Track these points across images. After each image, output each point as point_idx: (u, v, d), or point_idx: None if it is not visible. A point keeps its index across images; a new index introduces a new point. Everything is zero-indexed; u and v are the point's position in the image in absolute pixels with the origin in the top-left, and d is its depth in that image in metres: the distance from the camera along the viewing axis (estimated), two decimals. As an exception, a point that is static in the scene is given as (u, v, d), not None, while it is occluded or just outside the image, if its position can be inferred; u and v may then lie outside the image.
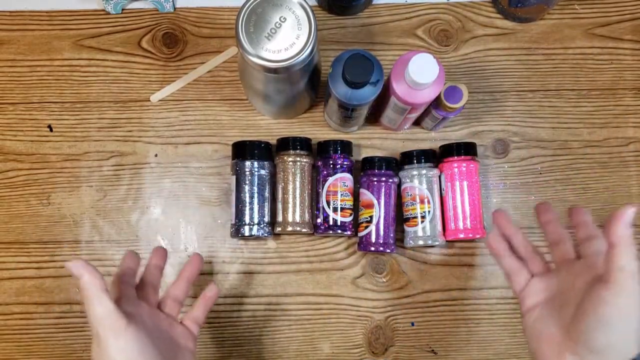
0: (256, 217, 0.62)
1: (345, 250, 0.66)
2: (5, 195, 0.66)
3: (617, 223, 0.39)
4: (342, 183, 0.63)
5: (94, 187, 0.66)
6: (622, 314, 0.38)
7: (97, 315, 0.41)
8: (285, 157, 0.62)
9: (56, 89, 0.68)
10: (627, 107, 0.69)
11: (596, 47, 0.69)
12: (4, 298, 0.65)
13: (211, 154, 0.67)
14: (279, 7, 0.51)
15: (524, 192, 0.67)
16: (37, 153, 0.67)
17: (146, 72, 0.68)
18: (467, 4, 0.70)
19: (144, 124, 0.67)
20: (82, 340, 0.65)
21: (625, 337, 0.39)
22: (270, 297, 0.66)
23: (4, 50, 0.68)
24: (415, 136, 0.68)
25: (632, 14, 0.70)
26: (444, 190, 0.64)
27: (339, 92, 0.55)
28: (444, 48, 0.69)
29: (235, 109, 0.68)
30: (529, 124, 0.68)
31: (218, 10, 0.69)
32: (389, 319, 0.66)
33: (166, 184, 0.67)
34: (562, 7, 0.70)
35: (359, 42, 0.69)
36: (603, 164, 0.68)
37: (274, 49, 0.50)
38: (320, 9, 0.69)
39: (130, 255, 0.51)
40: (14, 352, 0.65)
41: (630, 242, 0.39)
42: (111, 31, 0.69)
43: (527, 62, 0.69)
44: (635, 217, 0.39)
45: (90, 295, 0.41)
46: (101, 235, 0.66)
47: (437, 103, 0.60)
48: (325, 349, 0.65)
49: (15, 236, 0.66)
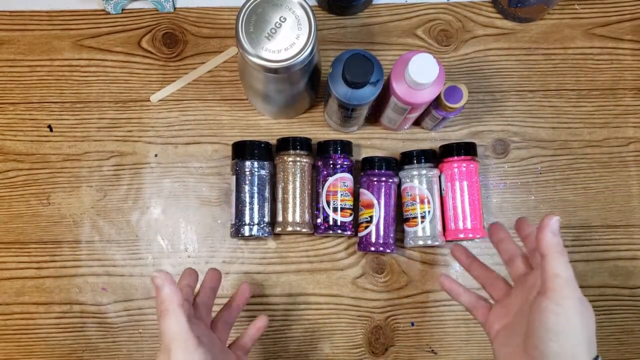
0: (256, 217, 0.62)
1: (345, 250, 0.66)
2: (5, 195, 0.66)
3: (544, 233, 0.39)
4: (342, 183, 0.63)
5: (94, 187, 0.66)
6: (567, 320, 0.38)
7: (172, 331, 0.41)
8: (285, 157, 0.62)
9: (56, 89, 0.68)
10: (627, 107, 0.69)
11: (596, 47, 0.69)
12: (4, 298, 0.65)
13: (211, 154, 0.67)
14: (279, 7, 0.51)
15: (524, 192, 0.67)
16: (37, 153, 0.67)
17: (146, 72, 0.68)
18: (467, 4, 0.70)
19: (144, 124, 0.67)
20: (82, 340, 0.65)
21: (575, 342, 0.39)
22: (270, 297, 0.66)
23: (4, 50, 0.68)
24: (415, 136, 0.68)
25: (632, 14, 0.70)
26: (444, 190, 0.64)
27: (339, 92, 0.55)
28: (444, 48, 0.69)
29: (235, 109, 0.68)
30: (529, 124, 0.68)
31: (218, 10, 0.69)
32: (389, 319, 0.66)
33: (166, 184, 0.67)
34: (562, 7, 0.70)
35: (359, 42, 0.69)
36: (603, 164, 0.68)
37: (274, 49, 0.50)
38: (320, 9, 0.69)
39: (189, 273, 0.51)
40: (14, 352, 0.65)
41: (559, 249, 0.39)
42: (111, 31, 0.69)
43: (527, 62, 0.69)
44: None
45: (168, 309, 0.41)
46: (101, 235, 0.66)
47: (437, 103, 0.60)
48: (325, 349, 0.65)
49: (15, 236, 0.66)
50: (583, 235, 0.67)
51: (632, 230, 0.67)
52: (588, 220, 0.67)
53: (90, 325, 0.65)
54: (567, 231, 0.67)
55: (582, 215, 0.67)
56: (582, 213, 0.67)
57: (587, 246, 0.67)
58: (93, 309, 0.65)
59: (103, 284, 0.65)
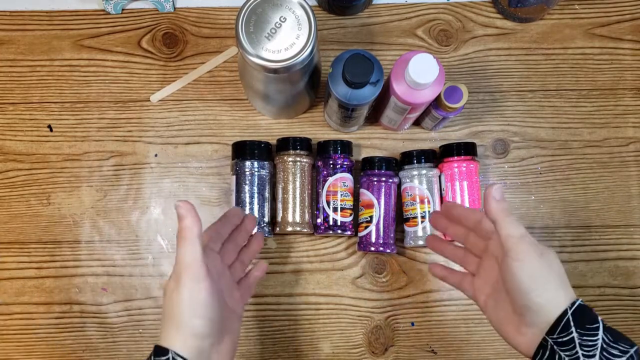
0: (256, 217, 0.62)
1: (345, 250, 0.66)
2: (5, 195, 0.66)
3: (490, 201, 0.43)
4: (342, 183, 0.63)
5: (94, 187, 0.66)
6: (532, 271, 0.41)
7: (186, 260, 0.43)
8: (285, 157, 0.62)
9: (56, 89, 0.68)
10: (627, 107, 0.69)
11: (596, 47, 0.69)
12: (4, 298, 0.65)
13: (211, 154, 0.67)
14: (279, 7, 0.51)
15: (524, 192, 0.67)
16: (37, 153, 0.67)
17: (146, 72, 0.68)
18: (467, 4, 0.70)
19: (144, 124, 0.67)
20: (82, 340, 0.65)
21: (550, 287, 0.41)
22: (270, 297, 0.66)
23: (4, 50, 0.68)
24: (415, 136, 0.68)
25: (632, 14, 0.70)
26: (444, 190, 0.64)
27: (339, 92, 0.55)
28: (444, 48, 0.69)
29: (235, 109, 0.68)
30: (529, 124, 0.68)
31: (218, 10, 0.69)
32: (389, 319, 0.66)
33: (166, 184, 0.67)
34: (562, 7, 0.70)
35: (359, 42, 0.69)
36: (603, 164, 0.68)
37: (274, 49, 0.50)
38: (320, 9, 0.69)
39: (236, 211, 0.55)
40: (14, 352, 0.65)
41: (507, 212, 0.43)
42: (111, 31, 0.69)
43: (527, 62, 0.69)
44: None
45: (186, 237, 0.43)
46: (101, 235, 0.66)
47: (437, 103, 0.60)
48: (325, 349, 0.65)
49: (15, 236, 0.66)
50: (583, 235, 0.67)
51: (632, 230, 0.67)
52: (588, 220, 0.67)
53: (90, 325, 0.65)
54: (567, 231, 0.67)
55: (582, 215, 0.67)
56: (582, 213, 0.67)
57: (587, 246, 0.67)
58: (93, 309, 0.65)
59: (103, 284, 0.65)
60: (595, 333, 0.40)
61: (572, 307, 0.41)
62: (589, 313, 0.41)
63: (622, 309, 0.66)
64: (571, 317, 0.40)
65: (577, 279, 0.66)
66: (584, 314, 0.41)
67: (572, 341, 0.40)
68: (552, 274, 0.42)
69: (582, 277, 0.66)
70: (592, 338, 0.40)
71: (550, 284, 0.41)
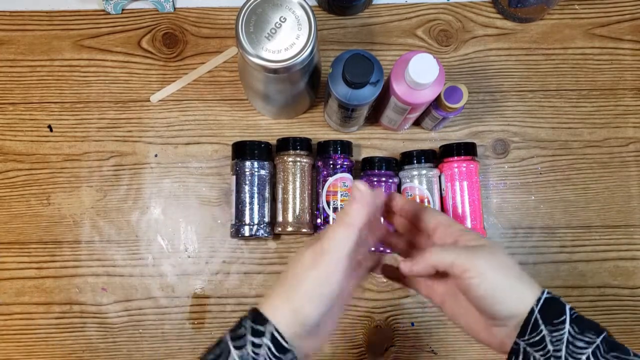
0: (256, 218, 0.62)
1: (345, 250, 0.66)
2: (5, 195, 0.66)
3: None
4: (342, 183, 0.63)
5: (94, 187, 0.66)
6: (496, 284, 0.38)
7: (335, 245, 0.40)
8: (285, 157, 0.62)
9: (56, 89, 0.68)
10: (627, 107, 0.69)
11: (596, 47, 0.69)
12: (4, 298, 0.65)
13: (211, 154, 0.67)
14: (279, 7, 0.51)
15: (524, 192, 0.67)
16: (37, 153, 0.67)
17: (146, 72, 0.68)
18: (467, 4, 0.70)
19: (144, 124, 0.67)
20: (82, 340, 0.65)
21: (517, 291, 0.39)
22: (270, 297, 0.66)
23: (4, 50, 0.68)
24: (415, 136, 0.68)
25: (632, 14, 0.70)
26: (444, 190, 0.64)
27: (339, 92, 0.55)
28: (444, 48, 0.69)
29: (235, 109, 0.68)
30: (529, 124, 0.68)
31: (218, 10, 0.69)
32: (389, 319, 0.66)
33: (166, 184, 0.67)
34: (562, 7, 0.70)
35: (359, 42, 0.69)
36: (603, 164, 0.68)
37: (274, 49, 0.50)
38: (320, 9, 0.69)
39: (379, 193, 0.48)
40: (14, 352, 0.65)
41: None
42: (111, 31, 0.69)
43: (527, 62, 0.69)
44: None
45: (348, 224, 0.40)
46: (101, 235, 0.66)
47: (437, 103, 0.60)
48: (325, 349, 0.65)
49: (15, 236, 0.66)
50: (583, 235, 0.67)
51: (632, 230, 0.67)
52: (588, 221, 0.67)
53: (90, 325, 0.65)
54: (567, 231, 0.67)
55: (582, 215, 0.67)
56: (582, 213, 0.67)
57: (587, 246, 0.67)
58: (93, 309, 0.65)
59: (103, 284, 0.65)
60: (562, 327, 0.38)
61: (539, 303, 0.39)
62: (556, 305, 0.39)
63: (622, 309, 0.66)
64: (539, 315, 0.38)
65: (577, 279, 0.66)
66: (551, 307, 0.39)
67: (543, 340, 0.38)
68: (510, 277, 0.39)
69: (582, 277, 0.66)
70: (559, 333, 0.38)
71: (513, 289, 0.39)
